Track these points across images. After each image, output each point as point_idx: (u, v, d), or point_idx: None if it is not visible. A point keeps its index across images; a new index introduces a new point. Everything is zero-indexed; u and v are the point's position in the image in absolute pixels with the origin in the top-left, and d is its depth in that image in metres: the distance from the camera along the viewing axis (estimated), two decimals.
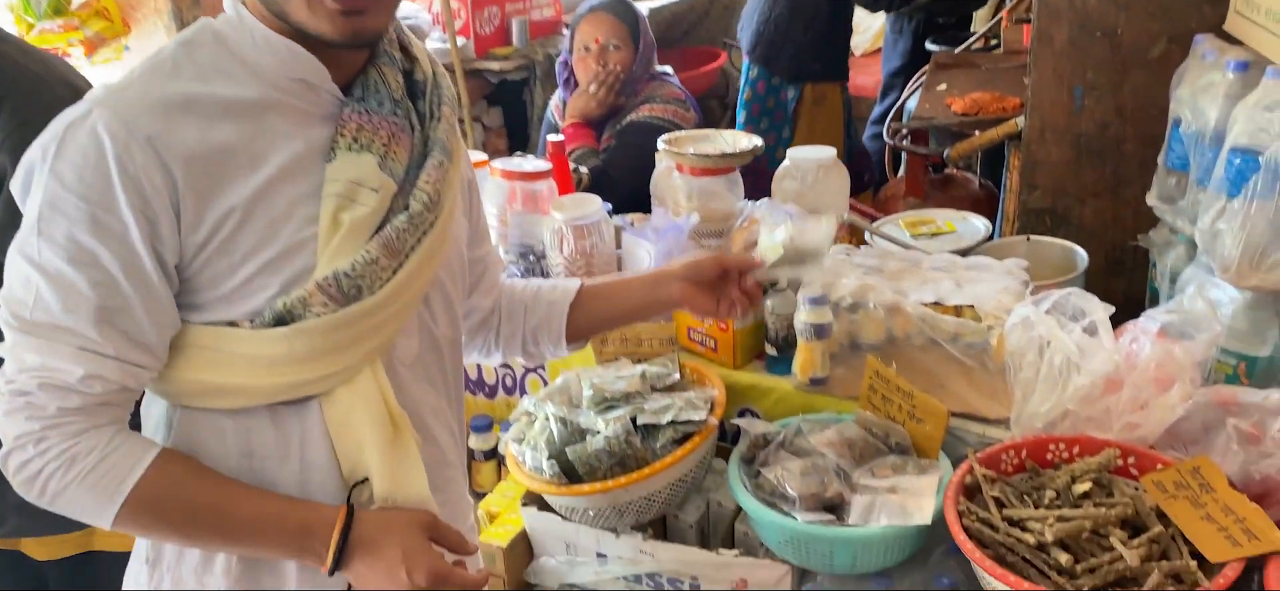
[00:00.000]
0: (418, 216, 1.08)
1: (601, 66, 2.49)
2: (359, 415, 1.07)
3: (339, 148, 1.05)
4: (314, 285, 1.02)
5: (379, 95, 1.09)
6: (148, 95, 0.98)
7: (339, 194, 1.04)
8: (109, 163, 0.95)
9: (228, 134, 1.00)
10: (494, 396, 2.05)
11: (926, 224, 2.03)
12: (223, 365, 1.03)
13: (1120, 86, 2.00)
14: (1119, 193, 2.06)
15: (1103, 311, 1.45)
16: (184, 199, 0.98)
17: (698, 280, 1.38)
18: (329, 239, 1.03)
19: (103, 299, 0.98)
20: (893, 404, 1.54)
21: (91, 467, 0.99)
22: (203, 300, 1.03)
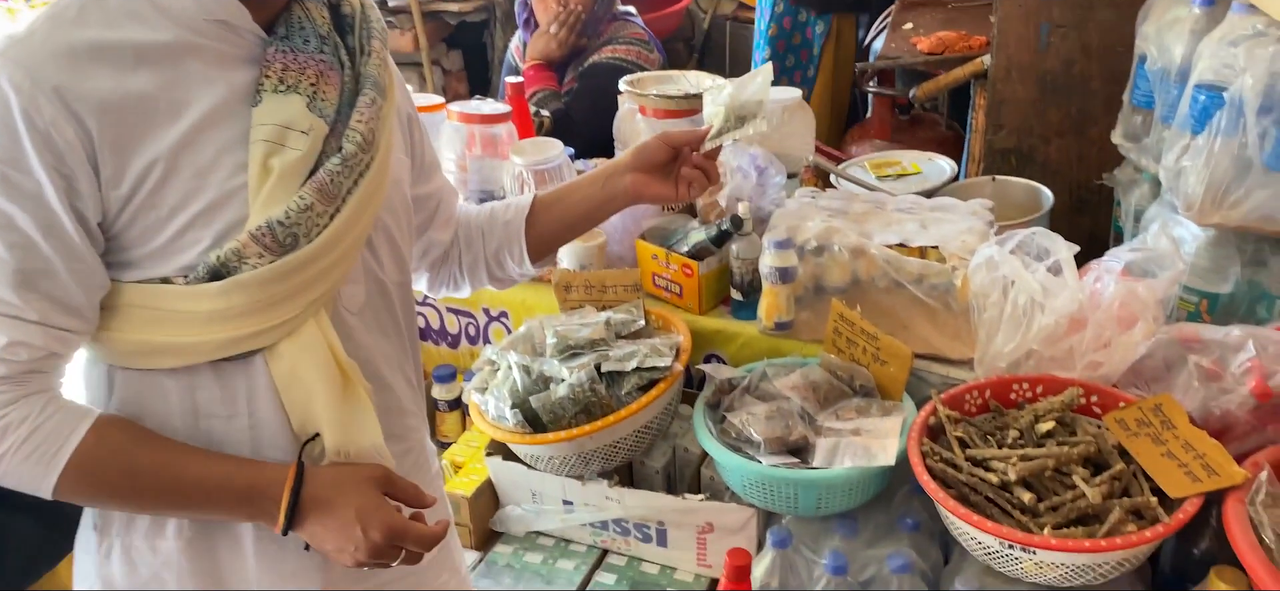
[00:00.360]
0: (352, 158, 1.03)
1: (562, 6, 2.43)
2: (306, 368, 1.03)
3: (264, 90, 1.00)
4: (247, 236, 0.97)
5: (304, 33, 1.04)
6: (52, 43, 0.92)
7: (267, 139, 0.99)
8: (15, 117, 0.90)
9: (144, 81, 0.95)
10: (457, 346, 2.02)
11: (892, 165, 2.01)
12: (159, 324, 0.99)
13: (1086, 24, 1.98)
14: (1084, 131, 2.05)
15: (1067, 250, 1.44)
16: (101, 152, 0.93)
17: (648, 166, 1.36)
18: (259, 186, 0.98)
19: (21, 262, 0.93)
20: (857, 346, 1.53)
21: (25, 438, 0.95)
22: (132, 257, 0.98)
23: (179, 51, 0.97)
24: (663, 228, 1.80)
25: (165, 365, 1.02)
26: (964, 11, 2.78)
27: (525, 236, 1.36)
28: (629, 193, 1.36)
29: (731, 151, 1.79)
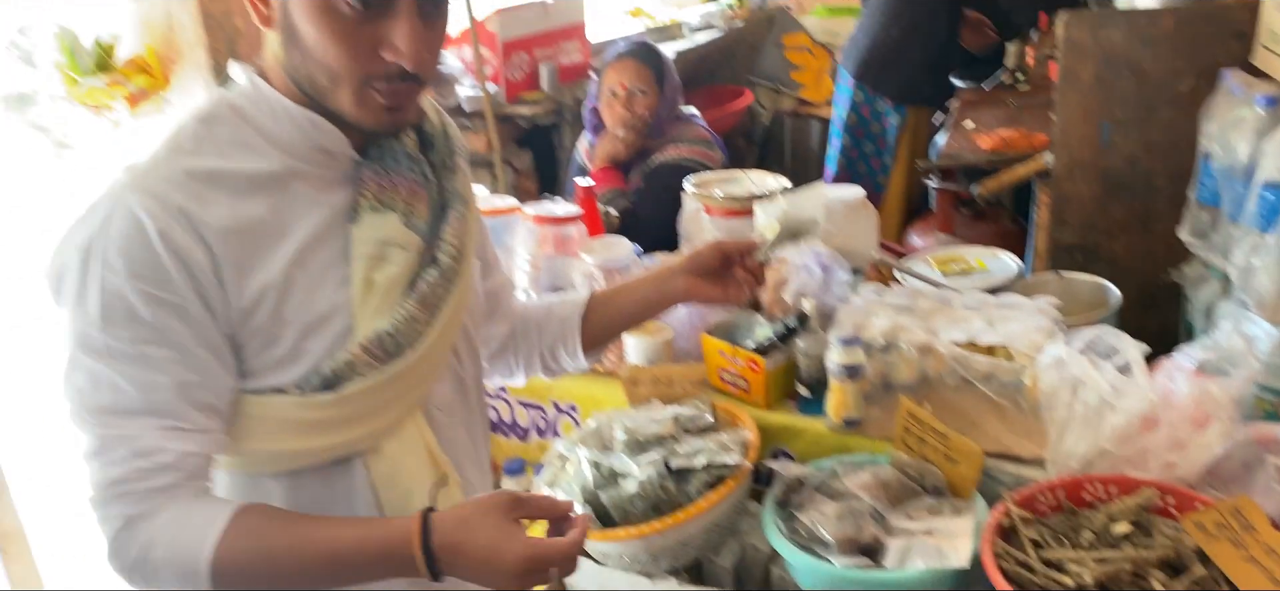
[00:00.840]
0: (448, 270, 1.11)
1: (628, 111, 2.52)
2: (405, 466, 1.09)
3: (362, 210, 1.06)
4: (358, 347, 1.03)
5: (394, 154, 1.11)
6: (173, 171, 0.98)
7: (369, 255, 1.05)
8: (154, 240, 0.95)
9: (256, 207, 1.01)
10: (526, 438, 2.06)
11: (956, 261, 2.03)
12: (273, 432, 1.04)
13: (1148, 122, 2.00)
14: (1150, 227, 2.05)
15: (1136, 350, 1.45)
16: (224, 272, 0.99)
17: (700, 271, 1.41)
18: (364, 299, 1.04)
19: (179, 374, 0.98)
20: (927, 444, 1.54)
21: (169, 544, 0.99)
22: (248, 369, 1.03)
23: (285, 178, 1.04)
24: (729, 323, 1.84)
25: (275, 469, 1.07)
26: (1025, 109, 2.81)
27: (581, 331, 1.42)
28: (682, 294, 1.42)
29: (795, 250, 1.83)
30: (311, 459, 1.07)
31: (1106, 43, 2.00)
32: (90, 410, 0.98)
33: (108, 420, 0.97)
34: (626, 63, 2.55)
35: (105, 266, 0.95)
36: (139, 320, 0.96)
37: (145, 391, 0.97)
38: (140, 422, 0.97)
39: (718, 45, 4.51)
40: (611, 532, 1.52)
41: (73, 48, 2.44)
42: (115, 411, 0.97)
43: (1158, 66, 1.97)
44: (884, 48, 3.25)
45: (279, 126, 1.04)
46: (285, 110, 1.03)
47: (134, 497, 0.98)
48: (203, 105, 1.06)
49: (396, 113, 1.03)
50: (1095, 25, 2.02)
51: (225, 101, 1.05)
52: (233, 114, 1.04)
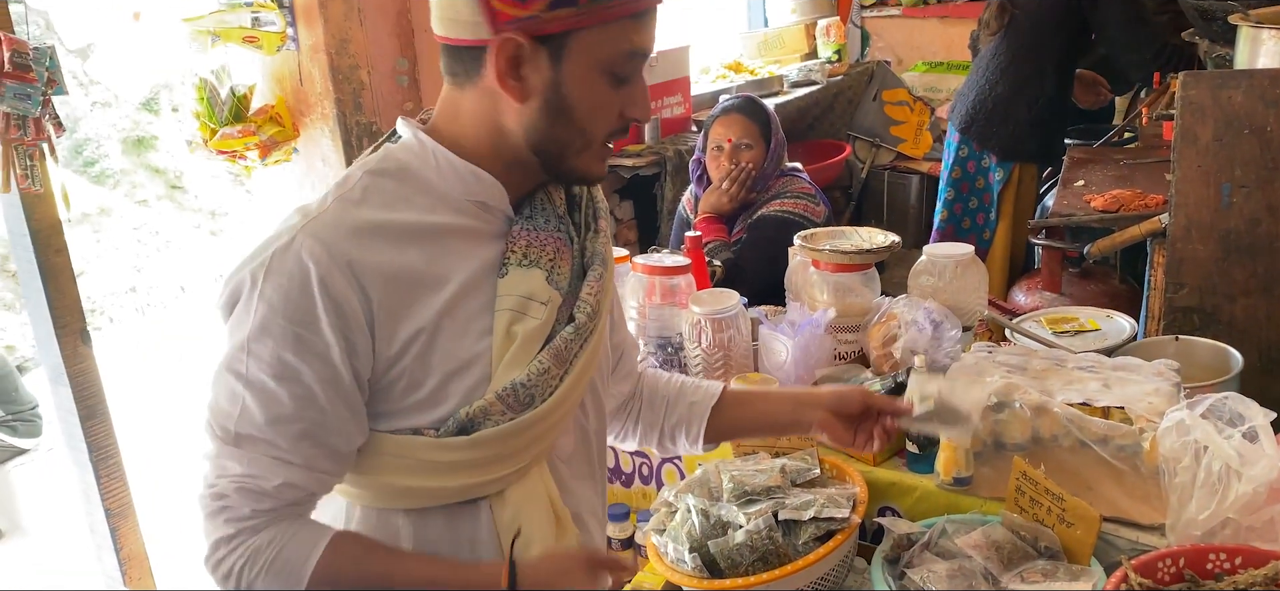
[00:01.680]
0: (582, 327, 1.16)
1: (733, 164, 2.56)
2: (527, 513, 1.14)
3: (510, 264, 1.13)
4: (494, 396, 1.09)
5: (546, 212, 1.17)
6: (343, 222, 1.06)
7: (512, 308, 1.11)
8: (313, 285, 1.02)
9: (414, 257, 1.07)
10: (630, 485, 2.10)
11: (1069, 321, 2.00)
12: (407, 470, 1.10)
13: (1271, 183, 1.95)
14: (1272, 291, 1.99)
15: (1263, 416, 1.41)
16: (378, 319, 1.05)
17: (841, 413, 1.43)
18: (503, 351, 1.10)
19: (302, 412, 1.05)
20: (1041, 506, 1.52)
21: (273, 557, 1.06)
22: (389, 409, 1.10)
23: (442, 231, 1.10)
24: (836, 377, 1.85)
25: (405, 506, 1.13)
26: (1137, 169, 2.76)
27: (707, 423, 1.45)
28: (816, 426, 1.46)
29: (906, 303, 1.83)
30: (440, 498, 1.12)
31: (1227, 103, 1.96)
32: (218, 423, 1.06)
33: (231, 437, 1.05)
34: (733, 117, 2.60)
35: (263, 299, 1.03)
36: (278, 356, 1.03)
37: (270, 420, 1.05)
38: (257, 447, 1.05)
39: (816, 99, 4.54)
40: (718, 583, 1.53)
41: (211, 98, 2.61)
42: (238, 431, 1.05)
43: None
44: (990, 103, 3.25)
45: (442, 180, 1.11)
46: (450, 164, 1.11)
47: (237, 514, 1.06)
48: (372, 158, 1.13)
49: (608, 159, 1.15)
50: (1215, 85, 1.99)
51: (392, 156, 1.12)
52: (398, 169, 1.11)
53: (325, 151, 2.72)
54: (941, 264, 1.95)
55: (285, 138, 2.67)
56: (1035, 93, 3.15)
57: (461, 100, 1.12)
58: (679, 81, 3.80)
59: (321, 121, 2.71)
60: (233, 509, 1.06)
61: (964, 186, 3.34)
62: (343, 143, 2.66)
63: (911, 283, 1.98)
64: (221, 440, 1.06)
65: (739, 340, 1.90)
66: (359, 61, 2.66)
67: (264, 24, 2.56)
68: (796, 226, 2.21)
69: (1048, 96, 3.15)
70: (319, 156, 2.76)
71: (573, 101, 1.08)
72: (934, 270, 1.94)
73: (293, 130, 2.71)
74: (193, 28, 2.49)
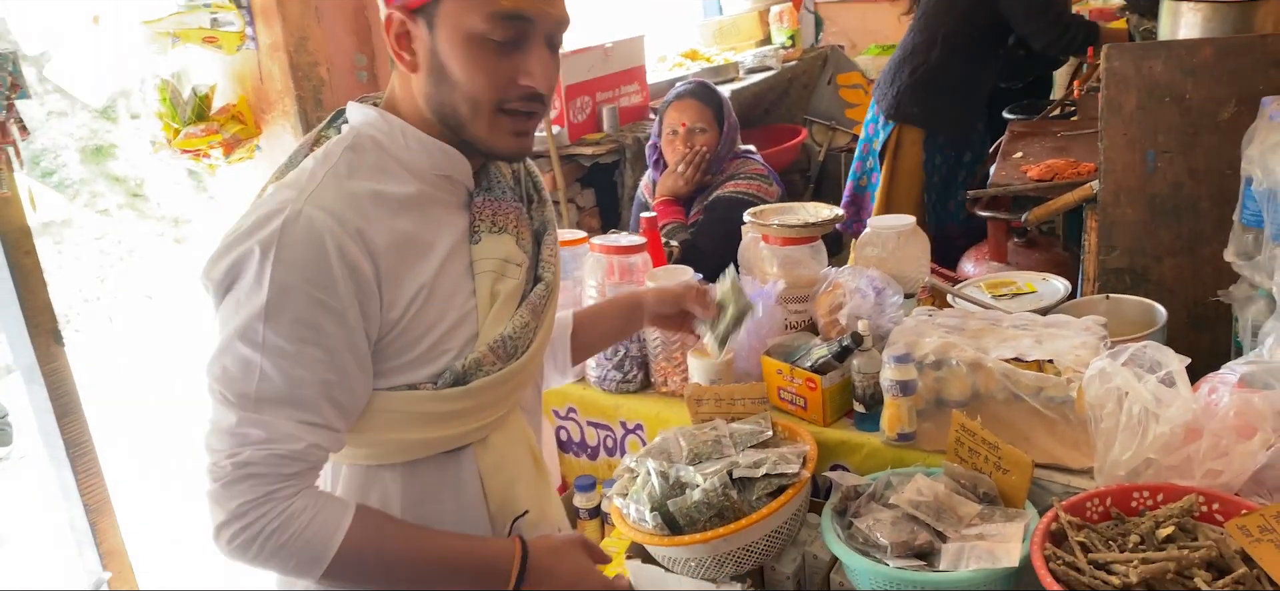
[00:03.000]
0: (550, 284, 1.28)
1: (688, 148, 2.64)
2: (510, 456, 1.25)
3: (481, 231, 1.23)
4: (486, 348, 1.19)
5: (500, 186, 1.27)
6: (342, 192, 1.12)
7: (493, 271, 1.21)
8: (330, 251, 1.08)
9: (407, 224, 1.16)
10: (596, 457, 2.18)
11: (1007, 285, 2.10)
12: (402, 424, 1.18)
13: (1191, 148, 2.07)
14: (1196, 250, 2.11)
15: (1178, 362, 1.51)
16: (384, 283, 1.13)
17: (661, 313, 1.67)
18: (488, 308, 1.21)
19: (324, 373, 1.10)
20: (979, 456, 1.62)
21: (305, 526, 1.10)
22: (387, 368, 1.17)
23: (423, 200, 1.19)
24: (786, 344, 1.94)
25: (398, 459, 1.21)
26: (1072, 140, 2.88)
27: (570, 347, 1.60)
28: (648, 323, 1.70)
29: (850, 273, 1.93)
30: (431, 448, 1.21)
31: (1149, 73, 2.07)
32: (235, 393, 1.09)
33: (249, 404, 1.09)
34: (687, 102, 2.68)
35: (280, 265, 1.07)
36: (300, 319, 1.08)
37: (291, 384, 1.09)
38: (280, 411, 1.09)
39: (772, 84, 4.63)
40: (678, 539, 1.62)
41: (174, 99, 2.65)
42: (259, 398, 1.09)
43: (1199, 95, 2.04)
44: (888, 67, 3.54)
45: (412, 155, 1.19)
46: (418, 139, 1.19)
47: (266, 479, 1.09)
48: (345, 137, 1.19)
49: (523, 137, 1.19)
50: (1137, 56, 2.10)
51: (363, 134, 1.19)
52: (373, 145, 1.18)
53: (288, 147, 2.74)
54: (885, 235, 2.04)
55: (248, 135, 2.71)
56: (921, 59, 3.34)
57: (397, 81, 1.22)
58: (635, 70, 3.88)
59: (283, 118, 2.75)
60: (261, 476, 1.09)
61: (865, 147, 3.57)
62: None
63: (857, 253, 2.07)
64: (239, 408, 1.09)
65: None
66: (318, 58, 2.71)
67: (223, 24, 2.61)
68: (750, 206, 2.30)
69: (931, 64, 3.32)
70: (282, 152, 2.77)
71: (450, 67, 1.14)
72: (878, 241, 2.04)
73: (255, 128, 2.76)
74: (153, 29, 2.52)
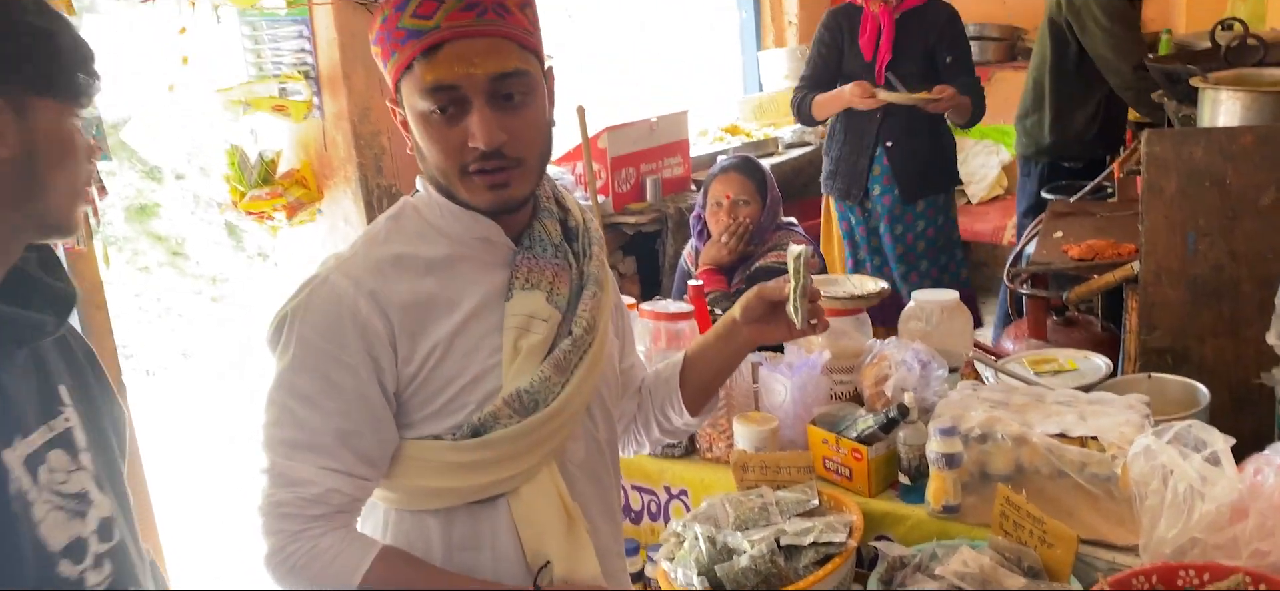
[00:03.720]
0: (579, 339, 1.31)
1: (732, 219, 2.72)
2: (540, 508, 1.29)
3: (514, 288, 1.29)
4: (501, 401, 1.25)
5: (542, 243, 1.33)
6: (367, 258, 1.24)
7: (517, 326, 1.27)
8: (344, 313, 1.20)
9: (430, 285, 1.25)
10: (639, 522, 2.21)
11: (1049, 362, 2.14)
12: (431, 472, 1.26)
13: (1232, 232, 2.10)
14: (1239, 332, 2.13)
15: (1223, 442, 1.53)
16: (400, 339, 1.22)
17: (753, 320, 1.53)
18: (511, 362, 1.26)
19: (340, 422, 1.21)
20: (1023, 529, 1.64)
21: (330, 561, 1.22)
22: (412, 419, 1.26)
23: (454, 261, 1.28)
24: (832, 414, 1.97)
25: (433, 506, 1.28)
26: (1113, 220, 2.92)
27: (681, 391, 1.57)
28: (750, 342, 1.56)
29: (896, 345, 1.97)
30: (462, 496, 1.27)
31: (1189, 158, 2.12)
32: (272, 439, 1.22)
33: (282, 450, 1.21)
34: (731, 175, 2.75)
35: (305, 325, 1.21)
36: (319, 373, 1.20)
37: (311, 432, 1.21)
38: (304, 457, 1.21)
39: (811, 159, 4.71)
40: None
41: (241, 163, 2.77)
42: (289, 444, 1.21)
43: (1239, 180, 2.08)
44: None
45: (447, 222, 1.29)
46: (450, 209, 1.28)
47: (295, 519, 1.21)
48: (393, 208, 1.33)
49: (502, 189, 1.25)
50: (1177, 142, 2.14)
51: (409, 203, 1.32)
52: (413, 212, 1.30)
53: (347, 211, 2.88)
54: (929, 309, 2.09)
55: (310, 199, 2.82)
56: (831, 134, 3.65)
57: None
58: (679, 143, 3.98)
59: (344, 184, 2.86)
60: (292, 515, 1.21)
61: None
62: (364, 204, 2.82)
63: (902, 326, 2.12)
64: (274, 452, 1.21)
65: (740, 381, 2.03)
66: (380, 128, 2.83)
67: (291, 94, 2.73)
68: None
69: (836, 134, 3.63)
70: (341, 216, 2.91)
71: (420, 144, 1.26)
72: (922, 315, 2.09)
73: (317, 192, 2.87)
74: (225, 98, 2.65)
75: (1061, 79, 3.73)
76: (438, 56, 1.18)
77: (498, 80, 1.20)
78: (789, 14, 5.63)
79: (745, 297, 1.56)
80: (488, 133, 1.19)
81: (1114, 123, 3.61)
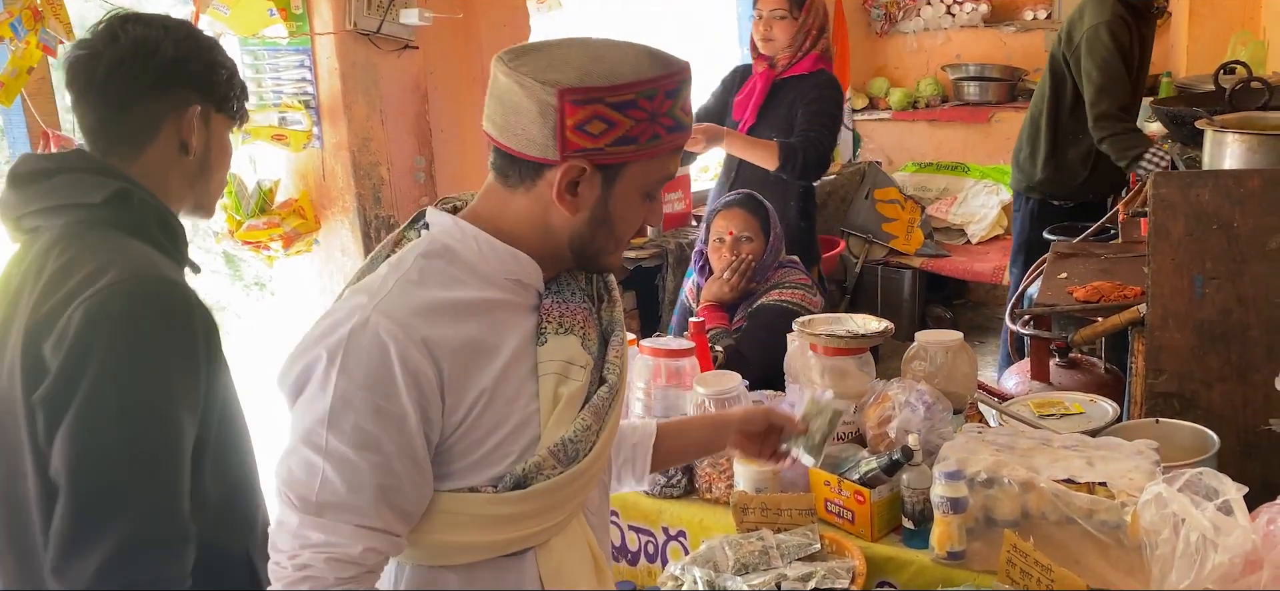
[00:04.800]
0: (614, 386, 1.28)
1: (734, 255, 2.69)
2: (571, 561, 1.25)
3: (547, 332, 1.24)
4: (546, 451, 1.20)
5: (570, 287, 1.30)
6: (410, 301, 1.16)
7: (556, 372, 1.23)
8: (393, 361, 1.12)
9: (473, 329, 1.18)
10: (636, 563, 2.17)
11: (1054, 405, 2.10)
12: (463, 526, 1.20)
13: (1240, 275, 2.07)
14: (1247, 377, 2.10)
15: (1235, 490, 1.50)
16: (448, 387, 1.15)
17: (748, 432, 1.62)
18: (551, 411, 1.21)
19: (382, 479, 1.13)
20: (1031, 578, 1.60)
21: None
22: (451, 470, 1.19)
23: (491, 305, 1.22)
24: (834, 456, 1.94)
25: (459, 561, 1.22)
26: (1118, 262, 2.90)
27: (651, 455, 1.57)
28: (737, 447, 1.64)
29: (900, 386, 1.94)
30: (492, 551, 1.22)
31: (1196, 200, 2.10)
32: (298, 496, 1.13)
33: (311, 508, 1.12)
34: (734, 211, 2.73)
35: (344, 374, 1.12)
36: (361, 426, 1.11)
37: (350, 489, 1.12)
38: (339, 516, 1.12)
39: None
40: None
41: (238, 192, 2.75)
42: (320, 502, 1.12)
43: (1247, 224, 2.06)
44: None
45: (484, 261, 1.22)
46: (490, 246, 1.22)
47: (323, 582, 1.12)
48: (421, 243, 1.24)
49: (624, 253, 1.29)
50: (1184, 184, 2.13)
51: (438, 241, 1.23)
52: (445, 251, 1.22)
53: (345, 242, 2.86)
54: (933, 350, 2.06)
55: (308, 230, 2.80)
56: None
57: (511, 199, 1.23)
58: (681, 179, 3.97)
59: (342, 214, 2.84)
60: (318, 578, 1.12)
61: None
62: (361, 234, 2.80)
63: (905, 367, 2.08)
64: (301, 511, 1.13)
65: None
66: (380, 159, 2.81)
67: (291, 124, 2.72)
68: (795, 315, 2.33)
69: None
70: (338, 247, 2.89)
71: (615, 217, 1.23)
72: (926, 356, 2.06)
73: (315, 222, 2.85)
74: None
75: (1057, 117, 3.76)
76: (680, 152, 1.26)
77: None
78: None
79: (749, 411, 1.62)
80: (663, 215, 1.31)
81: (1107, 162, 3.61)
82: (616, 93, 1.14)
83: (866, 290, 4.91)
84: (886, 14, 5.95)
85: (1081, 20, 3.66)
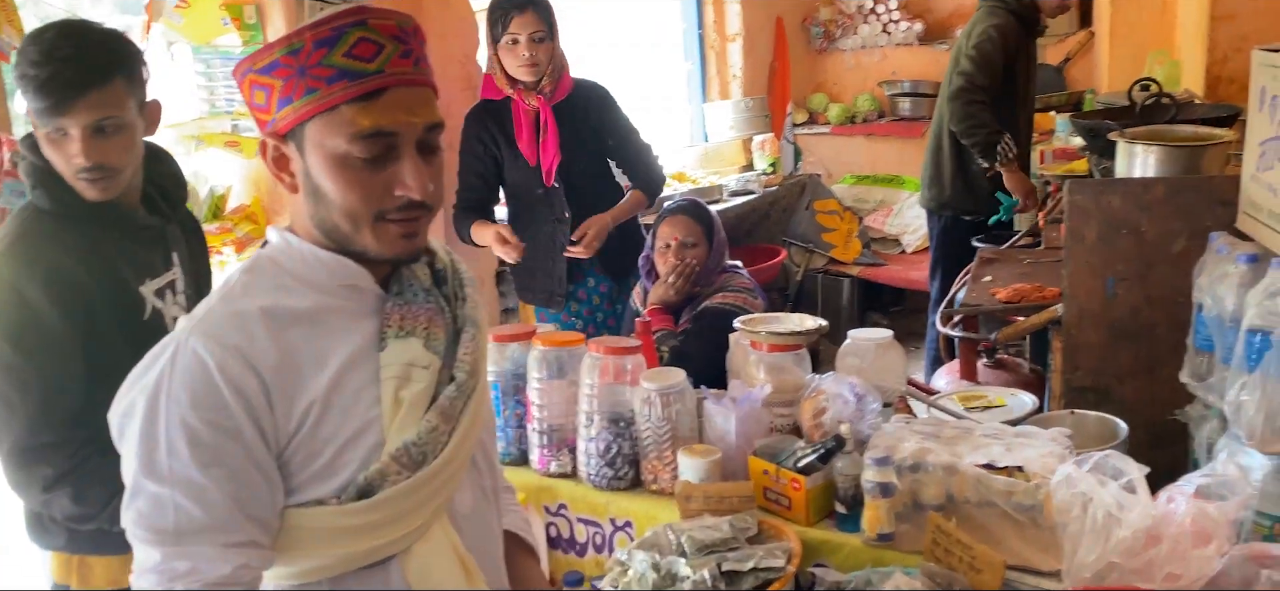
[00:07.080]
0: (463, 385, 1.25)
1: (679, 260, 2.79)
2: (436, 566, 1.22)
3: (388, 337, 1.21)
4: (388, 457, 1.17)
5: (413, 288, 1.25)
6: (226, 314, 1.14)
7: (396, 376, 1.19)
8: (214, 375, 1.10)
9: (295, 338, 1.15)
10: (584, 554, 2.24)
11: (979, 399, 2.23)
12: (315, 542, 1.18)
13: (1148, 277, 2.23)
14: (1155, 372, 2.25)
15: (1138, 471, 1.63)
16: (274, 397, 1.13)
17: None
18: (393, 415, 1.18)
19: (233, 490, 1.10)
20: (954, 556, 1.71)
21: None
22: (295, 483, 1.17)
23: (320, 312, 1.19)
24: (772, 446, 2.04)
25: (319, 579, 1.21)
26: (1039, 267, 3.06)
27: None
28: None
29: (833, 380, 2.05)
30: (352, 563, 1.19)
31: (1108, 207, 2.25)
32: (154, 531, 1.10)
33: (170, 539, 1.10)
34: (679, 218, 2.83)
35: (171, 400, 1.10)
36: (200, 443, 1.09)
37: (205, 508, 1.10)
38: (202, 539, 1.10)
39: (755, 207, 4.85)
40: None
41: (191, 199, 2.77)
42: (177, 531, 1.10)
43: (1154, 229, 2.21)
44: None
45: (310, 270, 1.19)
46: (315, 255, 1.20)
47: None
48: (249, 260, 1.24)
49: (412, 238, 1.21)
50: (1097, 192, 2.28)
51: (263, 255, 1.22)
52: (270, 263, 1.21)
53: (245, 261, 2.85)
54: (864, 346, 2.17)
55: (259, 235, 2.83)
56: None
57: (289, 201, 1.24)
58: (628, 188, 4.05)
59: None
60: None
61: None
62: None
63: (839, 363, 2.20)
64: (160, 545, 1.10)
65: (685, 414, 2.09)
66: None
67: (243, 130, 2.75)
68: (737, 316, 2.43)
69: None
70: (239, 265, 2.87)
71: (323, 187, 1.16)
72: (857, 352, 2.17)
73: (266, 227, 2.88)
74: (178, 133, 2.66)
75: (958, 135, 3.89)
76: (378, 102, 1.14)
77: (429, 130, 1.19)
78: (733, 67, 5.81)
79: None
80: (421, 182, 1.17)
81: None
82: (260, 57, 1.15)
83: (807, 297, 5.06)
84: (825, 32, 6.14)
85: (970, 35, 3.82)
